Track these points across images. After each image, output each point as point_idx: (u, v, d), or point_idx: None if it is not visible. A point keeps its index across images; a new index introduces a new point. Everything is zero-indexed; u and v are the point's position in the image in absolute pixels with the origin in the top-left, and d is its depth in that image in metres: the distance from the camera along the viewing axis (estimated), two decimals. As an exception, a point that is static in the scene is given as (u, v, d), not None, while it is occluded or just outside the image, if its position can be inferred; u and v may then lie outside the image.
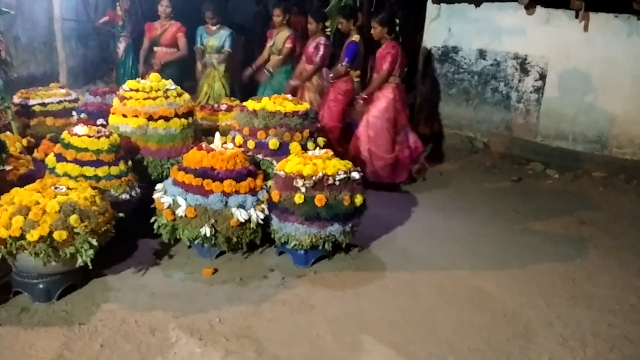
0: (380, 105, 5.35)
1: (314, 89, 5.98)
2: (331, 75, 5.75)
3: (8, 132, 4.41)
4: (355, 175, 3.70)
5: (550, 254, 4.15)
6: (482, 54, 6.85)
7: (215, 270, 3.61)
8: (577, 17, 6.18)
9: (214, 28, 6.50)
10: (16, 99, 4.82)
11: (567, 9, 6.20)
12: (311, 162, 3.65)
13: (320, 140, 4.32)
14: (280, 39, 6.15)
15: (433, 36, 7.09)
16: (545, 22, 6.40)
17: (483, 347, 2.98)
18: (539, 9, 6.39)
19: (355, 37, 5.68)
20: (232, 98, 5.87)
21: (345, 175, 3.63)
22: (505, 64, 6.73)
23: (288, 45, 6.10)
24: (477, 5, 6.71)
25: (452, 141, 7.09)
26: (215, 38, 6.49)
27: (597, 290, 3.64)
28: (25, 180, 3.55)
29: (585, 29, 6.17)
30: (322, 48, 5.81)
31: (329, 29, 6.08)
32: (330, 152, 3.90)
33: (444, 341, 3.01)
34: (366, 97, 5.43)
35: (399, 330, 3.09)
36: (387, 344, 2.96)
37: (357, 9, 6.24)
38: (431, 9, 7.03)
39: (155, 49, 6.56)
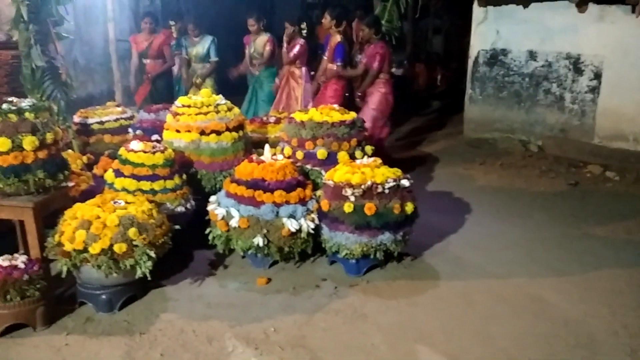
0: (375, 99, 5.87)
1: (300, 88, 6.47)
2: (326, 74, 6.18)
3: (70, 150, 4.61)
4: (405, 182, 3.67)
5: (612, 259, 3.98)
6: (532, 55, 6.69)
7: (269, 280, 3.65)
8: (633, 12, 5.93)
9: (196, 38, 6.84)
10: (76, 118, 5.03)
11: (622, 4, 5.97)
12: (360, 170, 3.65)
13: (369, 149, 4.31)
14: (259, 43, 6.60)
15: (481, 39, 6.97)
16: (598, 19, 6.18)
17: (544, 357, 2.88)
18: (592, 6, 6.18)
19: (339, 38, 6.10)
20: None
21: (394, 183, 3.60)
22: (557, 64, 6.55)
23: (268, 47, 6.55)
24: (526, 5, 6.56)
25: (505, 145, 6.94)
26: (198, 46, 6.83)
27: (666, 298, 3.46)
28: (86, 195, 3.71)
29: (643, 24, 5.92)
30: (297, 47, 6.34)
31: (304, 31, 6.58)
32: (379, 160, 3.89)
33: (502, 351, 2.93)
34: (360, 94, 6.00)
35: (455, 340, 3.03)
36: (443, 353, 2.91)
37: (345, 14, 6.70)
38: (477, 12, 6.93)
39: (144, 61, 6.78)
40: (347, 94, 6.36)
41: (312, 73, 6.66)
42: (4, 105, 3.21)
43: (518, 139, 6.92)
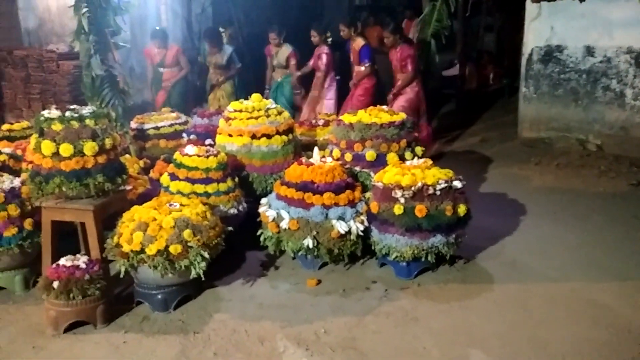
0: (407, 97, 6.11)
1: (321, 96, 6.61)
2: (356, 77, 6.35)
3: (127, 155, 4.79)
4: (457, 184, 3.61)
5: (680, 263, 3.78)
6: (589, 51, 6.44)
7: (319, 282, 3.67)
8: (700, 2, 5.63)
9: (216, 48, 6.93)
10: (133, 124, 5.23)
11: (688, -7, 5.68)
12: (410, 172, 3.61)
13: (419, 150, 4.26)
14: (282, 55, 6.83)
15: (534, 36, 6.78)
16: (663, 11, 5.89)
17: (605, 364, 2.77)
18: (655, -2, 5.90)
19: (362, 41, 6.31)
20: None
21: (446, 185, 3.55)
22: (617, 59, 6.28)
23: (292, 62, 6.78)
24: (582, 0, 6.33)
25: (561, 144, 6.71)
26: (218, 56, 6.92)
27: None
28: (143, 198, 3.85)
29: None
30: (324, 57, 6.51)
31: (330, 39, 6.62)
32: (430, 162, 3.84)
33: (559, 357, 2.83)
34: (395, 93, 6.14)
35: (509, 344, 2.96)
36: (497, 358, 2.84)
37: (356, 18, 6.89)
38: (531, 8, 6.74)
39: (161, 70, 6.83)
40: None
41: (338, 77, 6.72)
42: (67, 113, 3.37)
43: (575, 138, 6.67)
